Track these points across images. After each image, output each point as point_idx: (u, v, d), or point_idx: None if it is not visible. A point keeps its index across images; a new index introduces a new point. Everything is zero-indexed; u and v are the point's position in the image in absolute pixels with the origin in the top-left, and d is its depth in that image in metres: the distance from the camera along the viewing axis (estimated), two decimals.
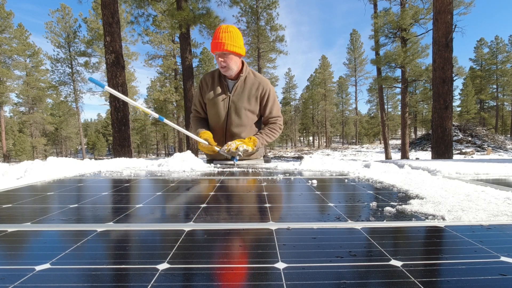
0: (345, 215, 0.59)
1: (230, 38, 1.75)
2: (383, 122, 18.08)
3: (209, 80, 2.00)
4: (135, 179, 1.14)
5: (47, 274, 0.34)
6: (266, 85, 1.95)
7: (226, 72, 1.86)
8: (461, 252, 0.40)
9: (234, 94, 1.93)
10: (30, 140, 32.58)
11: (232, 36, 1.77)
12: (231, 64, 1.81)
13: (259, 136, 1.96)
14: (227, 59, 1.79)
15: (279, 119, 2.06)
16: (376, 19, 16.50)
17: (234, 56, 1.81)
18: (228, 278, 0.33)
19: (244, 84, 1.93)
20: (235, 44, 1.77)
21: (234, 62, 1.83)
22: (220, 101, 1.95)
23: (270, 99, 1.97)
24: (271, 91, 1.97)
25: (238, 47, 1.79)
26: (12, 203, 0.72)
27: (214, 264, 0.37)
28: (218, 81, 1.96)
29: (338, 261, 0.37)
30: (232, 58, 1.81)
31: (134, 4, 10.66)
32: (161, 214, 0.62)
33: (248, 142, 1.87)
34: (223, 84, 1.95)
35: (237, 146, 1.79)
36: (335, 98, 47.45)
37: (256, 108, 1.98)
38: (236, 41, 1.78)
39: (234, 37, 1.77)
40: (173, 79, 25.96)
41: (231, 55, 1.79)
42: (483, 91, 38.38)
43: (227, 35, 1.75)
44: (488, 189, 0.79)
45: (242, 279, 0.33)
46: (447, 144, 6.38)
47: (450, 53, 6.31)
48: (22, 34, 29.07)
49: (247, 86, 1.93)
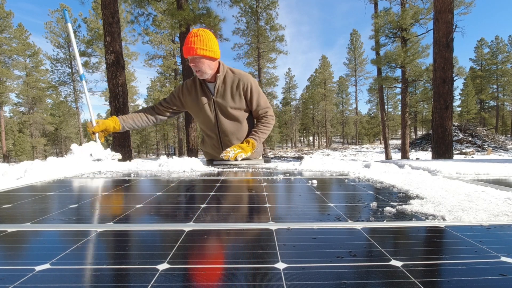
0: (345, 215, 0.59)
1: (199, 42, 1.72)
2: (383, 122, 18.07)
3: (190, 86, 1.99)
4: (135, 179, 1.13)
5: (47, 274, 0.34)
6: (247, 79, 1.92)
7: (201, 76, 1.85)
8: (462, 252, 0.40)
9: (216, 95, 1.92)
10: (30, 140, 32.59)
11: (203, 39, 1.73)
12: (203, 68, 1.79)
13: (255, 136, 1.94)
14: (199, 63, 1.77)
15: (268, 111, 2.03)
16: (376, 19, 16.50)
17: (206, 60, 1.78)
18: (228, 278, 0.33)
19: (224, 83, 1.91)
20: (206, 47, 1.74)
21: (207, 65, 1.80)
22: (205, 105, 1.94)
23: (254, 92, 1.94)
24: (252, 84, 1.94)
25: (209, 50, 1.75)
26: (12, 203, 0.72)
27: (214, 264, 0.37)
28: (200, 86, 1.95)
29: (338, 261, 0.37)
30: (204, 62, 1.78)
31: (134, 3, 10.65)
32: (161, 214, 0.62)
33: (246, 148, 1.85)
34: (204, 89, 1.94)
35: (235, 155, 1.77)
36: (335, 98, 47.46)
37: (242, 104, 1.95)
38: (207, 45, 1.74)
39: (204, 41, 1.74)
40: (173, 79, 25.95)
41: (203, 59, 1.76)
42: (484, 91, 38.38)
43: (196, 39, 1.72)
44: (489, 189, 0.79)
45: (242, 280, 0.33)
46: (448, 144, 6.38)
47: (450, 53, 6.31)
48: (22, 34, 29.09)
49: (227, 85, 1.91)
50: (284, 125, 49.66)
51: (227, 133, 1.98)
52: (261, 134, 1.97)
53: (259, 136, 1.96)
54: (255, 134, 1.96)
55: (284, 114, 48.45)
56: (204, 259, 0.38)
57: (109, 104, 6.64)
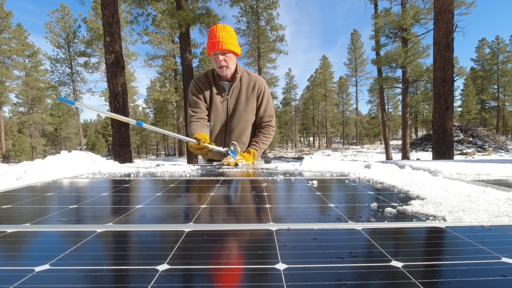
0: (345, 216, 0.59)
1: (229, 37, 1.73)
2: (383, 123, 18.06)
3: (205, 82, 1.91)
4: (135, 180, 1.13)
5: (47, 275, 0.34)
6: (262, 83, 1.93)
7: (224, 72, 1.81)
8: (462, 253, 0.40)
9: (231, 96, 1.90)
10: (29, 141, 32.58)
11: (231, 35, 1.75)
12: (230, 63, 1.78)
13: (256, 146, 1.94)
14: (227, 58, 1.76)
15: (272, 120, 2.03)
16: (376, 19, 16.50)
17: (233, 55, 1.79)
18: (228, 279, 0.33)
19: (240, 84, 1.90)
20: (234, 43, 1.75)
21: (233, 61, 1.80)
22: (219, 104, 1.91)
23: (265, 98, 1.94)
24: (266, 90, 1.95)
25: (236, 46, 1.77)
26: (11, 203, 0.72)
27: (214, 265, 0.37)
28: (214, 84, 1.90)
29: (338, 262, 0.37)
30: (232, 57, 1.78)
31: (133, 3, 10.66)
32: (161, 215, 0.62)
33: (248, 157, 1.84)
34: (219, 87, 1.90)
35: (236, 161, 1.75)
36: (335, 98, 47.44)
37: (254, 108, 1.95)
38: (234, 40, 1.76)
39: (232, 36, 1.75)
40: (173, 79, 25.98)
41: (230, 54, 1.77)
42: (484, 91, 38.35)
43: (225, 34, 1.72)
44: (489, 189, 0.79)
45: (242, 280, 0.33)
46: (448, 144, 6.37)
47: (451, 53, 6.31)
48: (21, 34, 29.07)
49: (243, 86, 1.90)
50: (284, 125, 49.66)
51: (233, 134, 1.96)
52: (261, 145, 1.96)
53: (260, 147, 1.95)
54: (256, 145, 1.94)
55: (284, 114, 48.45)
56: (204, 259, 0.38)
57: (109, 104, 6.64)
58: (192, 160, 10.13)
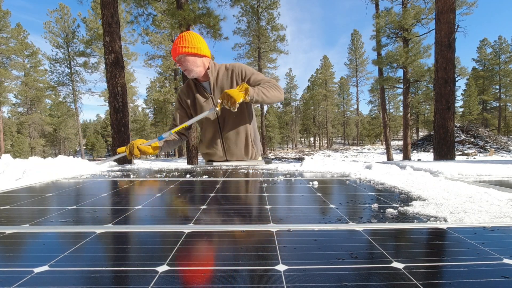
0: (346, 217, 0.59)
1: (183, 41, 1.75)
2: (384, 123, 18.04)
3: (186, 90, 1.98)
4: (135, 180, 1.13)
5: (46, 276, 0.34)
6: (239, 66, 1.91)
7: (190, 75, 1.84)
8: (464, 254, 0.40)
9: (215, 92, 1.92)
10: (28, 141, 32.61)
11: (185, 39, 1.75)
12: (188, 65, 1.79)
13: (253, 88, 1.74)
14: (184, 62, 1.77)
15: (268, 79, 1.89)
16: (377, 19, 16.48)
17: (190, 57, 1.78)
18: (228, 280, 0.33)
19: (218, 79, 1.91)
20: (188, 45, 1.75)
21: (192, 62, 1.79)
22: (204, 104, 1.93)
23: (248, 73, 1.89)
24: (246, 68, 1.91)
25: (191, 47, 1.75)
26: (10, 204, 0.72)
27: (214, 266, 0.37)
28: (195, 87, 1.95)
29: (339, 263, 0.37)
30: (189, 60, 1.78)
31: (133, 3, 10.66)
32: (160, 216, 0.62)
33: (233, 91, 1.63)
34: (200, 89, 1.94)
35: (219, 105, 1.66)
36: (336, 98, 47.44)
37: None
38: (189, 42, 1.75)
39: (186, 40, 1.75)
40: (173, 79, 25.99)
41: (187, 57, 1.77)
42: (486, 91, 38.28)
43: (180, 40, 1.75)
44: (491, 190, 0.78)
45: (243, 282, 0.32)
46: (449, 145, 6.36)
47: (452, 54, 6.29)
48: (20, 34, 29.04)
49: (223, 79, 1.90)
50: (284, 125, 49.64)
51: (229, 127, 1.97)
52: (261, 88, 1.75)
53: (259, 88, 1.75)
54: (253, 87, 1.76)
55: (285, 114, 48.46)
56: (204, 261, 0.38)
57: (108, 104, 6.63)
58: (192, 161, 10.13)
